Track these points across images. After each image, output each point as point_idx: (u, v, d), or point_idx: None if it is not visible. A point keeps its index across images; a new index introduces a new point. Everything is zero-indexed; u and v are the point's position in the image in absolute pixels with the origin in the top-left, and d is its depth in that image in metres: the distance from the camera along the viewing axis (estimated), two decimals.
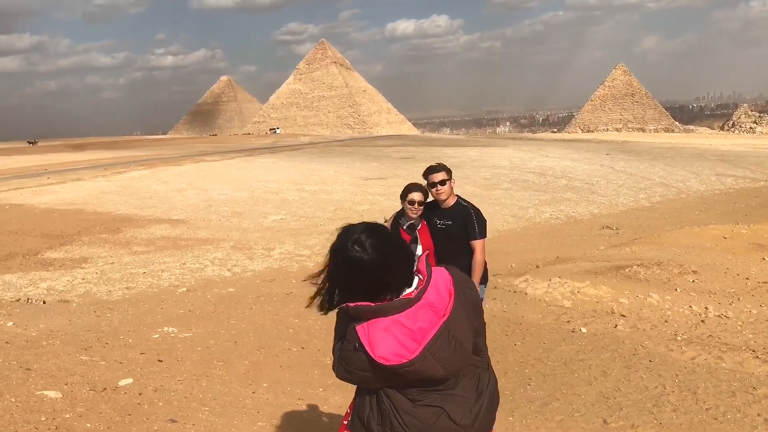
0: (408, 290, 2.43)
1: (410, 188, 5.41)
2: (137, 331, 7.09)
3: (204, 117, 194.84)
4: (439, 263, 5.11)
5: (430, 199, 5.47)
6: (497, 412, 2.63)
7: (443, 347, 2.39)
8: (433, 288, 2.44)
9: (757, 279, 9.40)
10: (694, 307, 7.67)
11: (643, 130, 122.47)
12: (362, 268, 2.37)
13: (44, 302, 10.14)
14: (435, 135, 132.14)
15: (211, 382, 5.74)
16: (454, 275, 2.55)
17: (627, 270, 9.10)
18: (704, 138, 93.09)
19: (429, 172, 5.46)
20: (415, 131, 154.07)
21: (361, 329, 2.36)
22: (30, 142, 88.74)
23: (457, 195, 5.52)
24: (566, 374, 6.20)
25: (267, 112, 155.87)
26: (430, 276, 2.48)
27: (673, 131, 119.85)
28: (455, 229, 5.32)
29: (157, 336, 6.90)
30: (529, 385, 6.13)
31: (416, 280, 2.47)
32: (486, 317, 2.63)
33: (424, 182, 5.47)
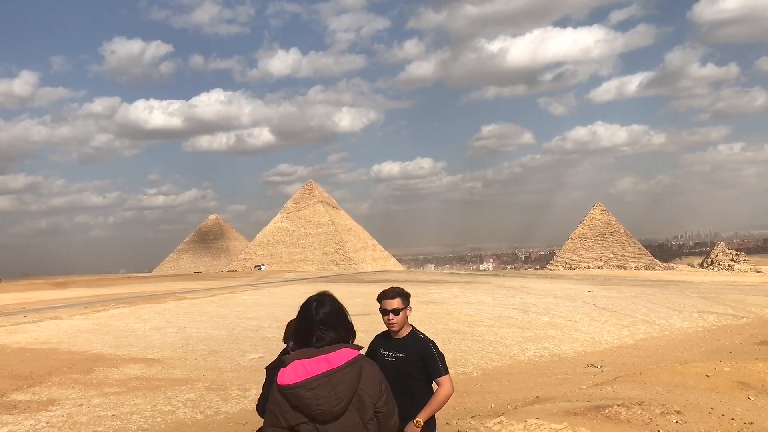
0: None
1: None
2: None
3: (190, 255, 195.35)
4: None
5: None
6: None
7: (321, 386, 3.19)
8: (340, 351, 3.37)
9: (743, 419, 9.17)
10: None
11: (624, 267, 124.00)
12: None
13: None
14: (419, 271, 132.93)
15: None
16: (367, 363, 3.44)
17: (607, 410, 8.85)
18: (685, 275, 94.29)
19: (382, 297, 4.86)
20: (400, 267, 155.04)
21: None
22: None
23: (412, 325, 4.94)
24: None
25: (253, 249, 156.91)
26: (346, 347, 3.42)
27: (653, 269, 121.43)
28: (409, 362, 4.68)
29: None
30: None
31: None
32: None
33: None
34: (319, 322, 3.48)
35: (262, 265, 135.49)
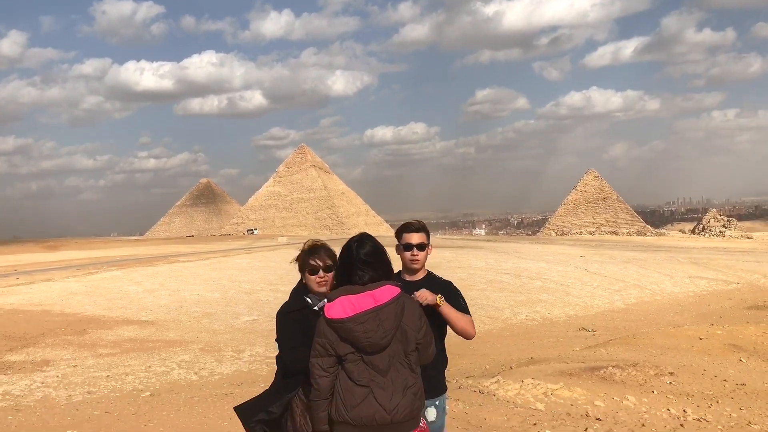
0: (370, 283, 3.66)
1: (313, 250, 3.99)
2: None
3: (182, 218, 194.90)
4: None
5: None
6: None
7: (369, 320, 3.47)
8: (383, 288, 3.61)
9: (734, 381, 9.26)
10: (672, 410, 7.46)
11: (616, 233, 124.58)
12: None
13: None
14: None
15: None
16: (408, 299, 3.67)
17: (602, 371, 8.92)
18: (676, 241, 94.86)
19: (404, 230, 4.24)
20: (392, 232, 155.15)
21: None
22: None
23: (428, 269, 4.27)
24: None
25: (246, 214, 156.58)
26: (388, 284, 3.65)
27: (645, 235, 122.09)
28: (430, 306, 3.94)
29: None
30: None
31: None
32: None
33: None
34: (359, 262, 3.70)
35: (255, 230, 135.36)
